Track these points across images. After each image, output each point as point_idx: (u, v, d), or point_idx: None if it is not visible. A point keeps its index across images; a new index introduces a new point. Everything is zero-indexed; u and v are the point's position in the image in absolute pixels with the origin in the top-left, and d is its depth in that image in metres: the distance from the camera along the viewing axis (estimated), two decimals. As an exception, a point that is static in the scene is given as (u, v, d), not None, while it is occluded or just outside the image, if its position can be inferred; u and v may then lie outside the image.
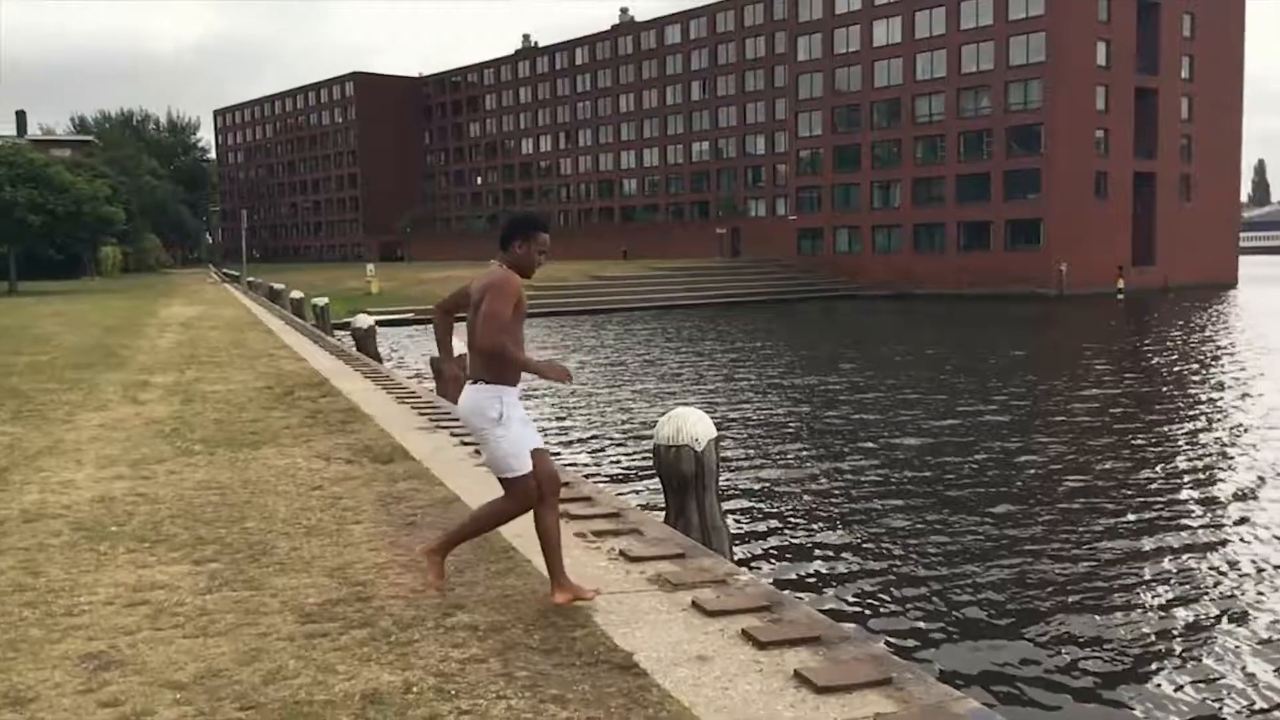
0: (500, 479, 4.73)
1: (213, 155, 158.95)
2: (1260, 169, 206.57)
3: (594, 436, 18.04)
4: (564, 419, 19.96)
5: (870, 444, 17.10)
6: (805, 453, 16.53)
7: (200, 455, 8.77)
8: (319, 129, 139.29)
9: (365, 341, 22.58)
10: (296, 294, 40.38)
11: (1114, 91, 67.01)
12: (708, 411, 8.24)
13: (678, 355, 32.59)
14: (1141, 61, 68.54)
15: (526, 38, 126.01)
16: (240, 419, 10.83)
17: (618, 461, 15.72)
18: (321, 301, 33.08)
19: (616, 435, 18.09)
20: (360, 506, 6.85)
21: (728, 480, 13.49)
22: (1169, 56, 70.58)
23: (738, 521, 11.72)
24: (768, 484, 14.11)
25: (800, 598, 8.80)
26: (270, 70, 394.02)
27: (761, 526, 11.92)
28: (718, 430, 7.62)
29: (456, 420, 10.69)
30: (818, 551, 10.85)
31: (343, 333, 30.65)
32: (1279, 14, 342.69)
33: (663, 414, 7.49)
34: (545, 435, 18.13)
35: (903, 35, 72.22)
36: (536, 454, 4.73)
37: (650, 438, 7.73)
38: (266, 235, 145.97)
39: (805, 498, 13.35)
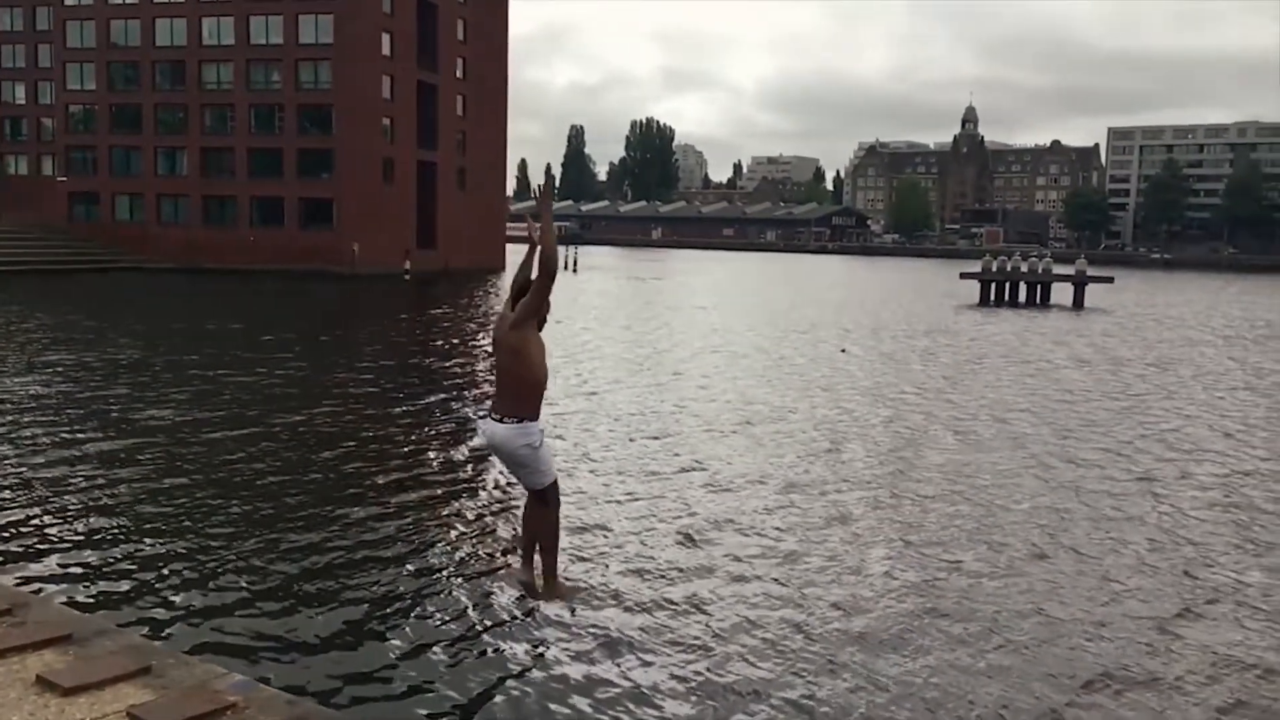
0: (538, 491, 5.24)
1: None
2: (523, 167, 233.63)
3: None
4: None
5: (149, 423, 16.16)
6: (72, 435, 15.04)
7: None
8: None
9: None
10: None
11: (399, 82, 70.69)
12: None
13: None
14: (423, 57, 73.28)
15: None
16: None
17: None
18: None
19: None
20: None
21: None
22: (446, 56, 76.40)
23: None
24: (21, 473, 12.59)
25: (55, 597, 8.03)
26: None
27: (13, 521, 10.64)
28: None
29: None
30: (81, 543, 10.02)
31: None
32: (527, 35, 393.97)
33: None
34: None
35: (187, -6, 68.46)
36: None
37: None
38: None
39: (66, 484, 12.16)
